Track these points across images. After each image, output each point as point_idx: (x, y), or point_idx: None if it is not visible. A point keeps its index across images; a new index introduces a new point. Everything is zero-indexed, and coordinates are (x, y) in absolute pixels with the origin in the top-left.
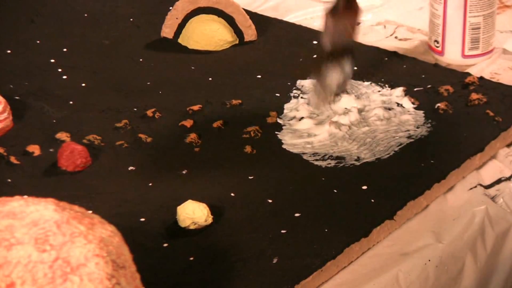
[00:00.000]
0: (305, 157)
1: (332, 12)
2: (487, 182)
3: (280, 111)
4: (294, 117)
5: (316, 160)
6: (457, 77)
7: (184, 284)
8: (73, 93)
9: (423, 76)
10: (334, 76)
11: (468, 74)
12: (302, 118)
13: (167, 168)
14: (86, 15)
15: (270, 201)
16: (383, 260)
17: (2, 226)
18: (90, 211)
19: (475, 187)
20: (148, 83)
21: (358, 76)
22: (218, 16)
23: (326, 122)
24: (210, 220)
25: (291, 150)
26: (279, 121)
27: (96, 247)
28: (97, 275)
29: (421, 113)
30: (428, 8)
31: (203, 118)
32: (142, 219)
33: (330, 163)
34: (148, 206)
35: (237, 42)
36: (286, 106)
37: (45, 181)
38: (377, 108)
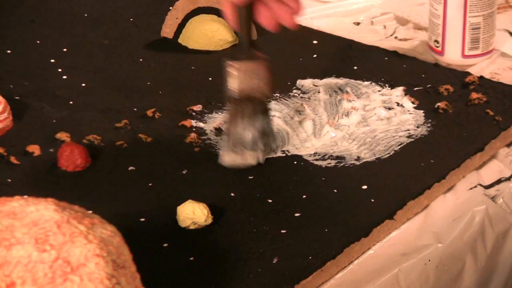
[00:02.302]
0: (305, 157)
1: (235, 60)
2: (487, 182)
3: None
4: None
5: (316, 160)
6: (457, 76)
7: (184, 284)
8: (73, 93)
9: (423, 76)
10: (245, 132)
11: (468, 73)
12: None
13: (167, 168)
14: (86, 15)
15: (270, 201)
16: (383, 260)
17: (2, 226)
18: (90, 211)
19: (475, 187)
20: (148, 83)
21: (358, 75)
22: (218, 16)
23: (327, 122)
24: (210, 220)
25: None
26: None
27: (96, 247)
28: (97, 275)
29: (421, 112)
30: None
31: (203, 118)
32: (142, 219)
33: (330, 163)
34: (148, 206)
35: (237, 42)
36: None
37: (45, 181)
38: (377, 108)
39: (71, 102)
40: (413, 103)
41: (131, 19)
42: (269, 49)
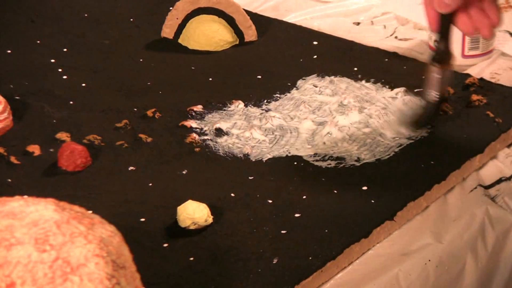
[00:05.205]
0: (305, 157)
1: (440, 62)
2: (487, 182)
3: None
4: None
5: (316, 160)
6: (457, 78)
7: (184, 284)
8: (73, 93)
9: (423, 77)
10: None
11: (469, 75)
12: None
13: (167, 168)
14: (86, 15)
15: (270, 201)
16: (383, 260)
17: (2, 226)
18: (90, 211)
19: (475, 188)
20: (148, 83)
21: (359, 76)
22: (219, 17)
23: (327, 123)
24: (210, 220)
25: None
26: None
27: (96, 247)
28: (97, 275)
29: None
30: None
31: (203, 118)
32: (142, 219)
33: (330, 164)
34: (148, 206)
35: (237, 42)
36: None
37: (45, 181)
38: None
39: (71, 102)
40: None
41: (131, 19)
42: (269, 49)
